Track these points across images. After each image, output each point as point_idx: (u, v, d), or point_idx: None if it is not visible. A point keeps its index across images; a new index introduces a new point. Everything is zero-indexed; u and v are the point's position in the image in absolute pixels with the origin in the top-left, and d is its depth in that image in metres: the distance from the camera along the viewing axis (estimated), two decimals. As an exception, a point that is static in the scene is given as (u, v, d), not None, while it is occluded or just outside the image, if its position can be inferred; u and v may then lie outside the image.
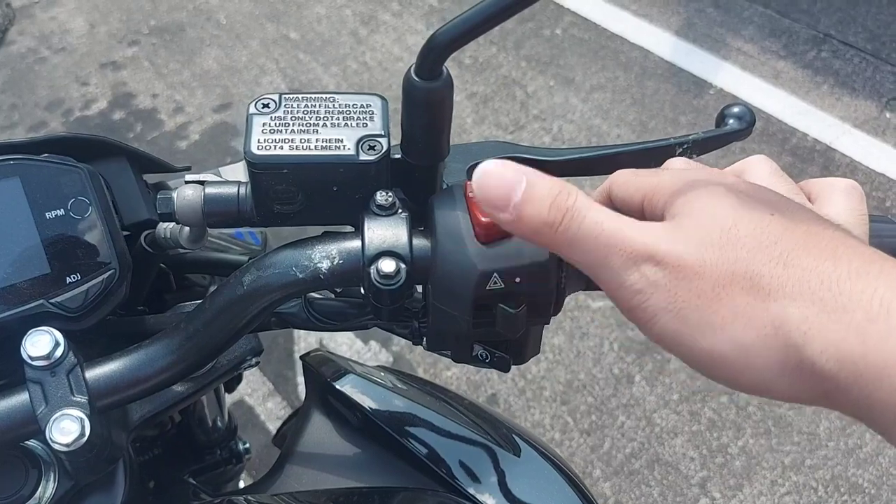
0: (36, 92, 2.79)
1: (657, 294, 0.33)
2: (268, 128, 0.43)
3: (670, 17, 2.92)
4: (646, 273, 0.33)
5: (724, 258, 0.32)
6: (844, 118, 2.51)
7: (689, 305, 0.32)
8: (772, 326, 0.31)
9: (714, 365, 0.33)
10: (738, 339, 0.32)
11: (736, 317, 0.31)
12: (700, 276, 0.32)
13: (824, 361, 0.29)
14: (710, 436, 1.80)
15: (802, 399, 0.32)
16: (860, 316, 0.29)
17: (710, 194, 0.35)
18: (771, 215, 0.33)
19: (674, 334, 0.33)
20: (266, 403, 1.89)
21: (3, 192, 0.46)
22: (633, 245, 0.34)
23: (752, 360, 0.32)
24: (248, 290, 0.42)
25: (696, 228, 0.34)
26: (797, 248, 0.32)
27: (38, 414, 0.42)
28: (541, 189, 0.35)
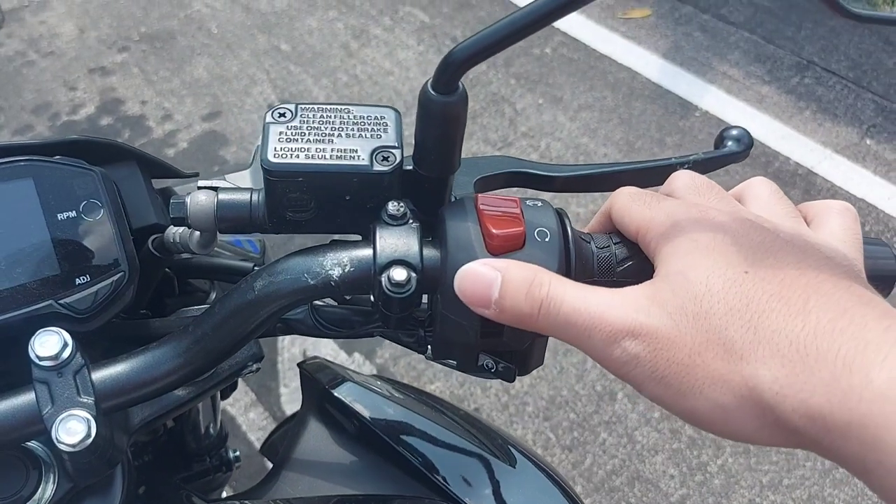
0: (23, 95, 2.77)
1: (640, 366, 0.35)
2: (284, 136, 0.43)
3: (658, 40, 2.96)
4: (626, 348, 0.35)
5: (697, 327, 0.34)
6: (826, 143, 2.55)
7: (669, 373, 0.35)
8: (746, 388, 0.33)
9: (698, 421, 0.35)
10: (716, 401, 0.34)
11: (713, 381, 0.34)
12: (676, 345, 0.35)
13: (797, 419, 0.31)
14: (691, 454, 1.81)
15: (784, 446, 0.34)
16: (826, 375, 0.31)
17: (694, 245, 0.37)
18: (745, 273, 0.35)
19: (660, 397, 0.36)
20: (248, 414, 1.88)
21: (16, 192, 0.46)
22: (611, 324, 0.36)
23: (732, 418, 0.34)
24: (260, 294, 0.43)
25: (672, 297, 0.36)
26: (768, 309, 0.33)
27: (44, 414, 0.42)
28: (514, 282, 0.38)
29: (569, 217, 0.43)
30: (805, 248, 0.37)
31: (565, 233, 0.42)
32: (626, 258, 0.43)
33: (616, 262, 0.43)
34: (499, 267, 0.38)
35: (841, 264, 0.37)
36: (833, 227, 0.42)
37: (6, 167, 0.46)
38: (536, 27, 0.36)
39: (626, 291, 0.37)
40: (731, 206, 0.41)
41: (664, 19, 3.06)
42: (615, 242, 0.44)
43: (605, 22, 3.05)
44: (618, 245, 0.44)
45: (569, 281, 0.38)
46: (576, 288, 0.37)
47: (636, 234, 0.41)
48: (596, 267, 0.43)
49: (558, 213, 0.43)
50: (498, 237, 0.40)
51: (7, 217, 0.46)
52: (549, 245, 0.41)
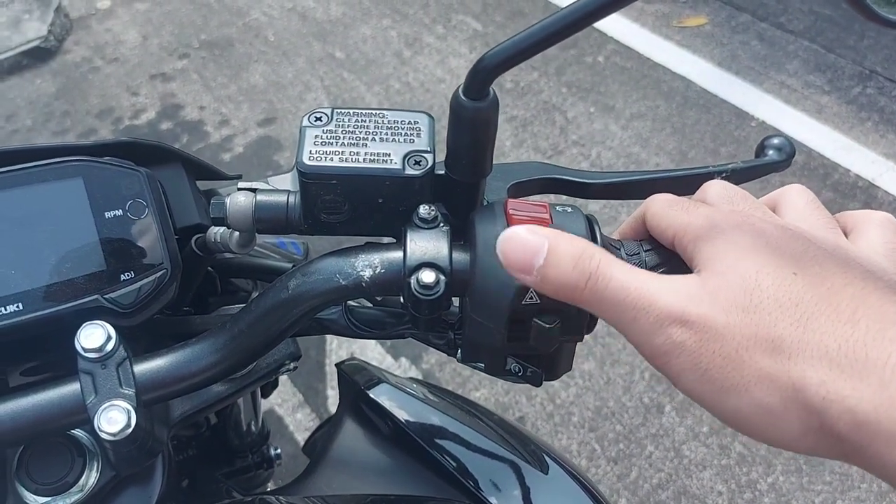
0: (88, 100, 2.87)
1: (683, 355, 0.34)
2: (319, 140, 0.45)
3: (714, 49, 2.92)
4: (672, 335, 0.34)
5: (747, 321, 0.33)
6: (888, 155, 2.47)
7: (713, 367, 0.34)
8: (793, 389, 0.32)
9: (740, 423, 0.34)
10: (761, 401, 0.33)
11: (759, 379, 0.33)
12: (724, 338, 0.33)
13: (842, 425, 0.30)
14: (740, 471, 1.77)
15: (825, 455, 0.33)
16: (875, 381, 0.30)
17: (736, 247, 0.36)
18: (794, 274, 0.34)
19: (700, 393, 0.35)
20: (295, 414, 1.91)
21: (67, 191, 0.48)
22: (659, 307, 0.35)
23: (776, 421, 0.33)
24: (293, 293, 0.44)
25: (722, 288, 0.35)
26: (817, 311, 0.33)
27: (87, 403, 0.44)
28: (563, 252, 0.36)
29: (599, 223, 0.43)
30: (846, 260, 0.36)
31: (594, 238, 0.42)
32: (656, 265, 0.43)
33: (646, 269, 0.43)
34: (546, 234, 0.37)
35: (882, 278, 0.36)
36: (872, 239, 0.40)
37: (58, 167, 0.48)
38: (566, 33, 0.36)
39: (676, 278, 0.36)
40: (768, 214, 0.41)
41: (721, 28, 3.01)
42: (645, 249, 0.43)
43: (660, 30, 3.02)
44: (648, 252, 0.43)
45: (619, 259, 0.37)
46: (626, 267, 0.36)
47: (672, 238, 0.40)
48: None
49: (588, 218, 0.43)
50: None
51: (57, 214, 0.48)
52: None
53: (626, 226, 0.46)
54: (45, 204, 0.48)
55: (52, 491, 0.50)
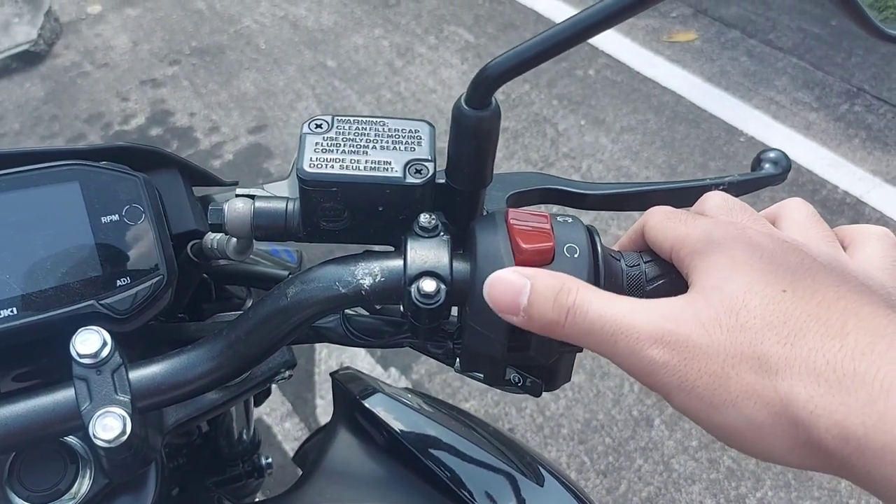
0: (77, 105, 2.86)
1: (668, 374, 0.34)
2: (320, 147, 0.44)
3: (703, 64, 2.94)
4: (653, 355, 0.35)
5: (731, 339, 0.34)
6: (876, 172, 2.50)
7: (700, 384, 0.34)
8: (781, 404, 0.32)
9: (729, 438, 0.34)
10: (749, 416, 0.33)
11: (746, 395, 0.33)
12: (708, 356, 0.34)
13: (830, 440, 0.31)
14: (729, 485, 1.77)
15: (814, 469, 0.33)
16: (863, 396, 0.30)
17: (730, 261, 0.36)
18: (783, 292, 0.34)
19: (690, 410, 0.35)
20: (284, 423, 1.89)
21: (63, 195, 0.48)
22: (638, 330, 0.35)
23: (764, 436, 0.33)
24: (292, 301, 0.43)
25: (706, 308, 0.35)
26: (805, 328, 0.33)
27: (82, 410, 0.43)
28: (542, 290, 0.37)
29: (599, 234, 0.43)
30: (843, 273, 0.37)
31: (595, 249, 0.42)
32: (656, 277, 0.43)
33: (646, 280, 0.43)
34: (528, 274, 0.38)
35: (878, 292, 0.36)
36: (870, 253, 0.41)
37: (54, 171, 0.48)
38: (569, 45, 0.36)
39: (654, 301, 0.37)
40: (766, 227, 0.41)
41: (710, 43, 3.04)
42: (645, 261, 0.44)
43: (650, 45, 3.04)
44: (648, 264, 0.43)
45: (597, 289, 0.38)
46: (603, 296, 0.37)
47: (670, 251, 0.41)
48: (625, 285, 0.43)
49: (588, 229, 0.43)
50: (527, 251, 0.40)
51: (53, 219, 0.47)
52: (578, 261, 0.41)
53: (626, 237, 0.46)
54: (41, 208, 0.47)
55: (44, 498, 0.49)
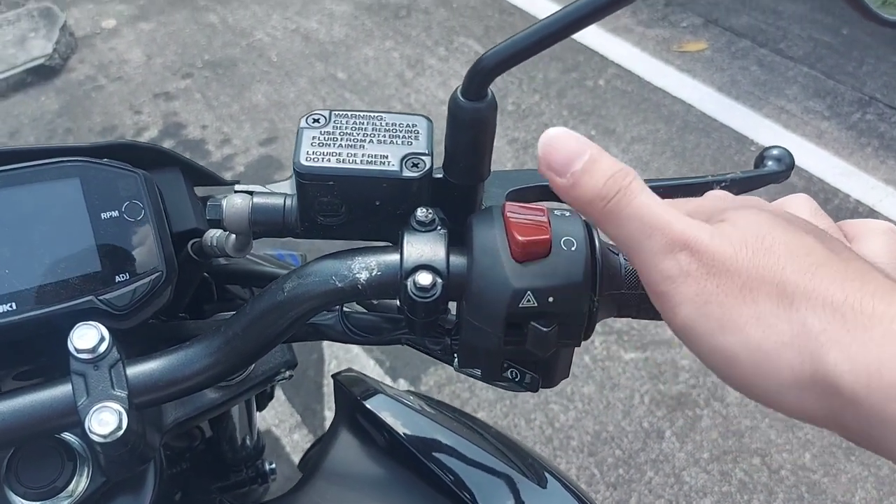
0: (91, 118, 2.89)
1: (686, 283, 0.34)
2: (317, 141, 0.44)
3: (714, 74, 2.94)
4: (680, 260, 0.34)
5: (756, 261, 0.33)
6: (889, 181, 2.48)
7: (714, 300, 0.33)
8: (790, 334, 0.31)
9: (726, 365, 0.34)
10: (754, 342, 0.32)
11: (757, 320, 0.32)
12: (730, 273, 0.33)
13: (839, 373, 0.30)
14: (741, 498, 1.75)
15: (810, 414, 0.32)
16: (879, 333, 0.29)
17: (751, 211, 0.36)
18: (806, 233, 0.34)
19: (694, 326, 0.34)
20: (293, 435, 1.89)
21: (63, 191, 0.48)
22: (673, 231, 0.35)
23: (765, 365, 0.32)
24: (289, 296, 0.43)
25: (735, 231, 0.35)
26: (827, 263, 0.32)
27: (78, 405, 0.43)
28: (602, 164, 0.37)
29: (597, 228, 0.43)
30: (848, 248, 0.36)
31: (592, 243, 0.42)
32: None
33: None
34: (590, 145, 0.38)
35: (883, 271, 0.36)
36: (874, 247, 0.40)
37: (55, 167, 0.48)
38: (563, 34, 0.36)
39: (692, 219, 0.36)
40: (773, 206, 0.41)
41: (720, 53, 3.04)
42: None
43: (660, 55, 3.04)
44: None
45: (646, 186, 0.37)
46: (652, 194, 0.37)
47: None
48: (624, 279, 0.43)
49: (586, 223, 0.43)
50: (523, 244, 0.40)
51: (53, 214, 0.47)
52: (575, 254, 0.40)
53: None
54: (42, 203, 0.47)
55: (41, 496, 0.49)
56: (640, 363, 1.99)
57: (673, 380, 1.96)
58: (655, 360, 2.00)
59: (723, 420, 1.88)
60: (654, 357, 2.01)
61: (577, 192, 0.37)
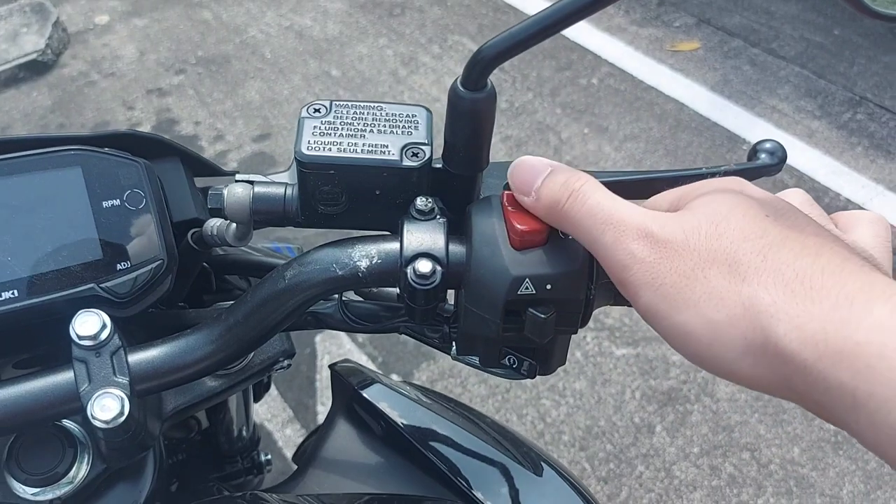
0: (83, 113, 2.88)
1: (642, 270, 0.36)
2: (318, 131, 0.45)
3: (706, 73, 2.95)
4: (633, 249, 0.36)
5: (707, 245, 0.35)
6: (878, 180, 2.50)
7: (668, 282, 0.35)
8: (741, 307, 0.33)
9: (684, 340, 0.35)
10: (708, 316, 0.34)
11: (710, 296, 0.34)
12: (682, 256, 0.35)
13: (788, 342, 0.31)
14: (730, 492, 1.77)
15: (763, 382, 0.34)
16: (826, 305, 0.31)
17: (722, 193, 0.38)
18: (766, 216, 0.36)
19: (653, 308, 0.36)
20: (285, 430, 1.89)
21: (65, 179, 0.48)
22: (625, 223, 0.37)
23: (719, 337, 0.34)
24: (289, 284, 0.44)
25: (691, 218, 0.37)
26: (780, 244, 0.34)
27: (81, 391, 0.43)
28: (558, 175, 0.40)
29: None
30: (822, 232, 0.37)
31: None
32: None
33: None
34: (551, 164, 0.41)
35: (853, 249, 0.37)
36: (862, 235, 0.42)
37: (57, 156, 0.48)
38: (563, 25, 0.37)
39: (649, 209, 0.39)
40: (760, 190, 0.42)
41: (713, 52, 3.05)
42: None
43: (653, 54, 3.06)
44: None
45: (603, 187, 0.40)
46: (606, 192, 0.39)
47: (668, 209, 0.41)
48: None
49: None
50: (521, 232, 0.40)
51: (55, 203, 0.48)
52: (572, 242, 0.41)
53: None
54: (43, 192, 0.48)
55: (41, 482, 0.49)
56: (632, 359, 2.01)
57: (664, 375, 1.97)
58: (647, 355, 2.01)
59: (713, 415, 1.89)
60: (646, 353, 2.02)
61: (539, 203, 0.40)
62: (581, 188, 0.39)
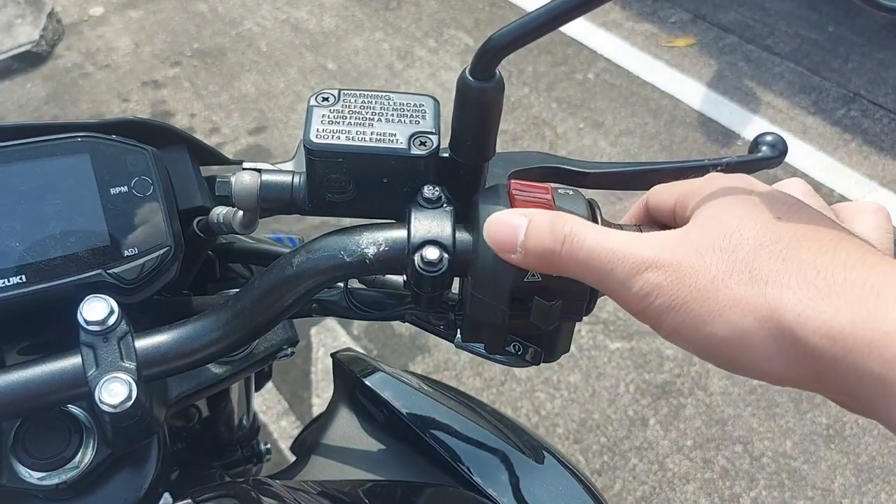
0: (78, 105, 2.87)
1: (661, 296, 0.36)
2: (326, 119, 0.45)
3: (702, 69, 2.96)
4: (648, 279, 0.36)
5: (724, 258, 0.35)
6: (872, 176, 2.52)
7: (691, 299, 0.35)
8: (768, 309, 0.33)
9: (717, 350, 0.35)
10: (736, 324, 0.34)
11: (734, 303, 0.34)
12: (699, 273, 0.35)
13: (817, 340, 0.32)
14: (723, 484, 1.78)
15: (796, 380, 0.34)
16: (852, 298, 0.31)
17: (728, 200, 0.38)
18: (777, 219, 0.36)
19: (680, 327, 0.36)
20: (280, 422, 1.90)
21: (74, 166, 0.49)
22: (633, 257, 0.37)
23: (750, 342, 0.34)
24: (297, 270, 0.44)
25: (701, 236, 0.37)
26: (797, 245, 0.34)
27: (88, 376, 0.44)
28: (538, 223, 0.39)
29: (600, 207, 0.44)
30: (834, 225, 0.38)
31: (595, 221, 0.43)
32: None
33: None
34: (525, 213, 0.40)
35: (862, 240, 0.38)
36: (864, 224, 0.42)
37: (65, 142, 0.49)
38: (573, 16, 0.37)
39: (653, 234, 0.38)
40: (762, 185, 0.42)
41: (708, 48, 3.06)
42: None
43: (649, 49, 3.06)
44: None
45: (591, 223, 0.39)
46: (598, 228, 0.39)
47: (674, 205, 0.42)
48: None
49: (589, 202, 0.44)
50: None
51: (63, 189, 0.48)
52: None
53: (629, 214, 0.47)
54: (52, 178, 0.48)
55: (47, 466, 0.50)
56: (626, 352, 2.02)
57: (658, 369, 1.99)
58: (641, 349, 2.02)
59: (706, 408, 1.91)
60: (640, 347, 2.03)
61: (531, 258, 0.39)
62: (572, 231, 0.38)
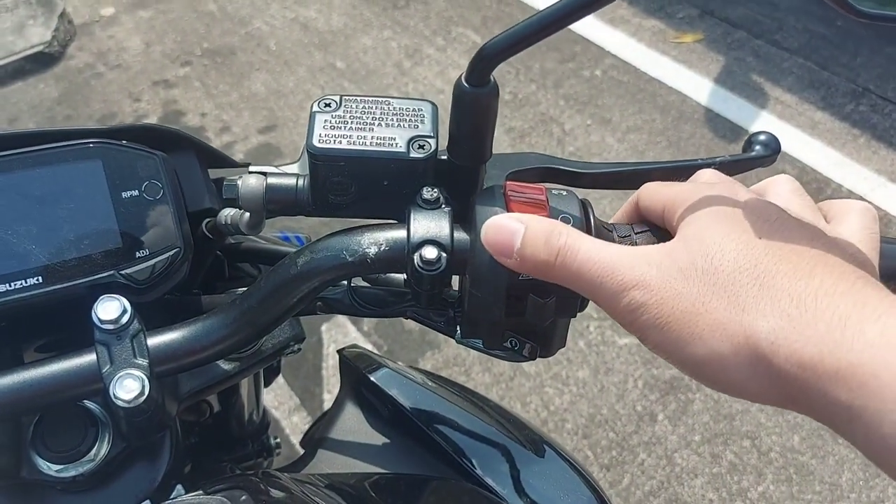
0: (90, 105, 2.90)
1: (646, 313, 0.38)
2: (328, 124, 0.47)
3: (709, 65, 2.96)
4: (634, 297, 0.38)
5: (705, 280, 0.37)
6: (881, 171, 2.51)
7: (673, 320, 0.37)
8: (744, 336, 0.35)
9: (697, 368, 0.37)
10: (714, 348, 0.36)
11: (714, 328, 0.36)
12: (682, 296, 0.37)
13: (789, 367, 0.33)
14: (731, 479, 1.79)
15: (772, 400, 0.36)
16: (821, 328, 0.33)
17: (712, 216, 0.40)
18: (759, 239, 0.38)
19: (663, 344, 0.38)
20: (292, 417, 1.92)
21: (86, 171, 0.50)
22: (622, 274, 0.38)
23: (727, 365, 0.36)
24: (301, 270, 0.46)
25: (685, 255, 0.38)
26: (774, 270, 0.36)
27: (103, 372, 0.46)
28: (534, 232, 0.40)
29: (592, 207, 0.46)
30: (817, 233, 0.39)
31: (588, 220, 0.44)
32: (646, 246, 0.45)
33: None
34: (521, 219, 0.41)
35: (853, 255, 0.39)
36: (851, 224, 0.43)
37: (78, 149, 0.51)
38: (561, 25, 0.38)
39: (640, 248, 0.40)
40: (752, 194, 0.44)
41: (716, 44, 3.06)
42: (637, 232, 0.46)
43: (656, 45, 3.06)
44: (639, 235, 0.46)
45: (585, 235, 0.41)
46: (592, 241, 0.40)
47: (662, 211, 0.44)
48: None
49: (582, 202, 0.45)
50: None
51: (77, 193, 0.50)
52: None
53: (620, 212, 0.49)
54: (65, 183, 0.50)
55: (65, 459, 0.52)
56: (634, 348, 2.03)
57: (666, 364, 1.99)
58: (649, 345, 2.03)
59: (714, 404, 1.91)
60: (648, 343, 2.04)
61: (527, 264, 0.41)
62: (566, 244, 0.40)
